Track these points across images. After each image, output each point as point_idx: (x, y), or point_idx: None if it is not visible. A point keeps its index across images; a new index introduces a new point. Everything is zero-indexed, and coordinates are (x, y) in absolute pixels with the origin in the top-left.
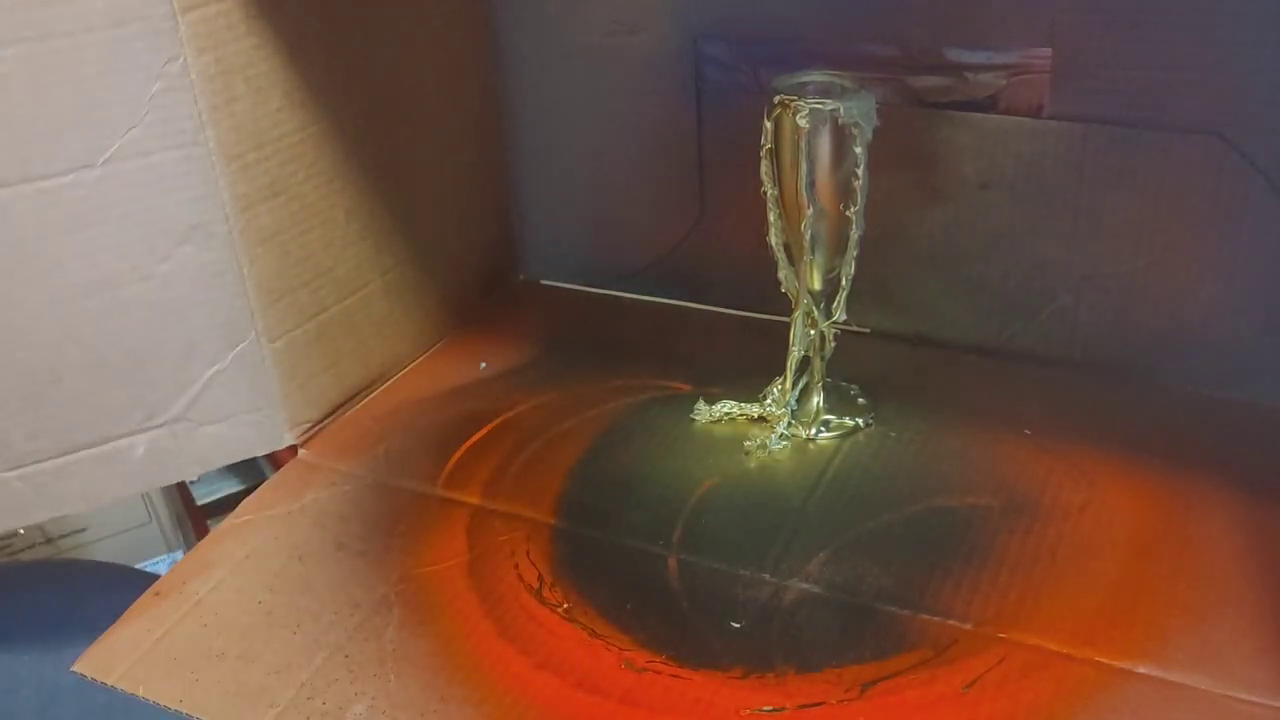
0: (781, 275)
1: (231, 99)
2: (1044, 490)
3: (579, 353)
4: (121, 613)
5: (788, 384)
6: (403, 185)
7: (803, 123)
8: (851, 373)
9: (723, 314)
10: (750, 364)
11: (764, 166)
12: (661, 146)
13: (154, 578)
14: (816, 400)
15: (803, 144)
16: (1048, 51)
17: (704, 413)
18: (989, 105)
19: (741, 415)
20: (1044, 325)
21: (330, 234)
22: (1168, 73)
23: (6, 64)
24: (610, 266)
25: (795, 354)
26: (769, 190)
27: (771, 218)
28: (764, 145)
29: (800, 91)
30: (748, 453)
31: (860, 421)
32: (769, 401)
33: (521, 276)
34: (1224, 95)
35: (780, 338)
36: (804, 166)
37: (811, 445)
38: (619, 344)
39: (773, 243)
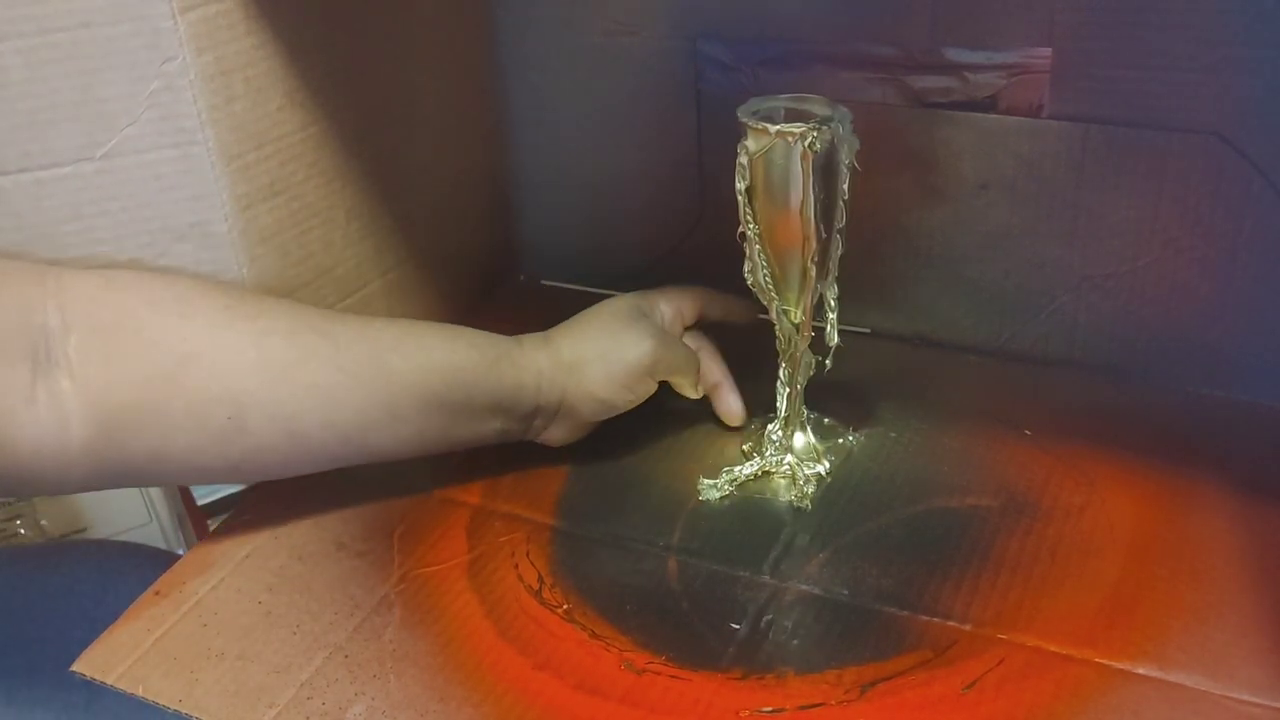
0: (774, 313)
1: (231, 99)
2: (1044, 491)
3: None
4: None
5: (791, 429)
6: (403, 185)
7: (817, 148)
8: (852, 373)
9: None
10: (751, 364)
11: (743, 205)
12: (661, 146)
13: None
14: (808, 438)
15: (809, 171)
16: (1048, 51)
17: (711, 489)
18: (989, 105)
19: (748, 478)
20: (1044, 325)
21: (331, 234)
22: (1168, 73)
23: (5, 56)
24: (610, 266)
25: (800, 389)
26: (751, 229)
27: (758, 258)
28: (743, 183)
29: (774, 118)
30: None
31: (850, 438)
32: (769, 453)
33: (522, 277)
34: (1224, 95)
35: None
36: (811, 194)
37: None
38: None
39: (761, 282)
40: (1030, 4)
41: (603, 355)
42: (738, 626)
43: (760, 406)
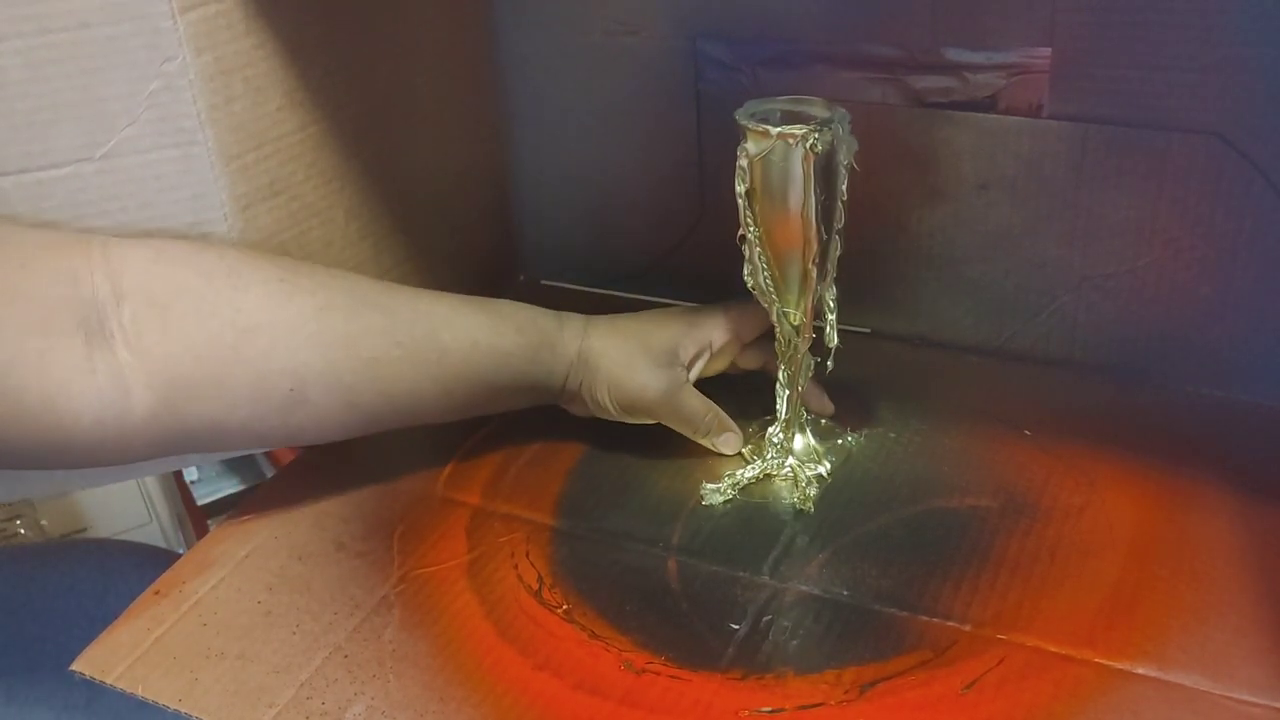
0: (775, 316)
1: (230, 99)
2: (1043, 491)
3: None
4: None
5: (791, 431)
6: (403, 185)
7: (818, 149)
8: (852, 373)
9: None
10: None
11: (743, 208)
12: (661, 147)
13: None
14: (808, 440)
15: (809, 172)
16: (1048, 51)
17: (714, 494)
18: (989, 105)
19: (751, 481)
20: (1044, 325)
21: (330, 234)
22: (1168, 73)
23: (5, 57)
24: (611, 266)
25: (800, 391)
26: (751, 232)
27: (759, 261)
28: (743, 186)
29: (772, 120)
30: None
31: (849, 438)
32: (770, 456)
33: (522, 277)
34: (1224, 95)
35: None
36: (813, 196)
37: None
38: None
39: (762, 285)
40: (1030, 4)
41: (611, 373)
42: (737, 627)
43: (757, 409)
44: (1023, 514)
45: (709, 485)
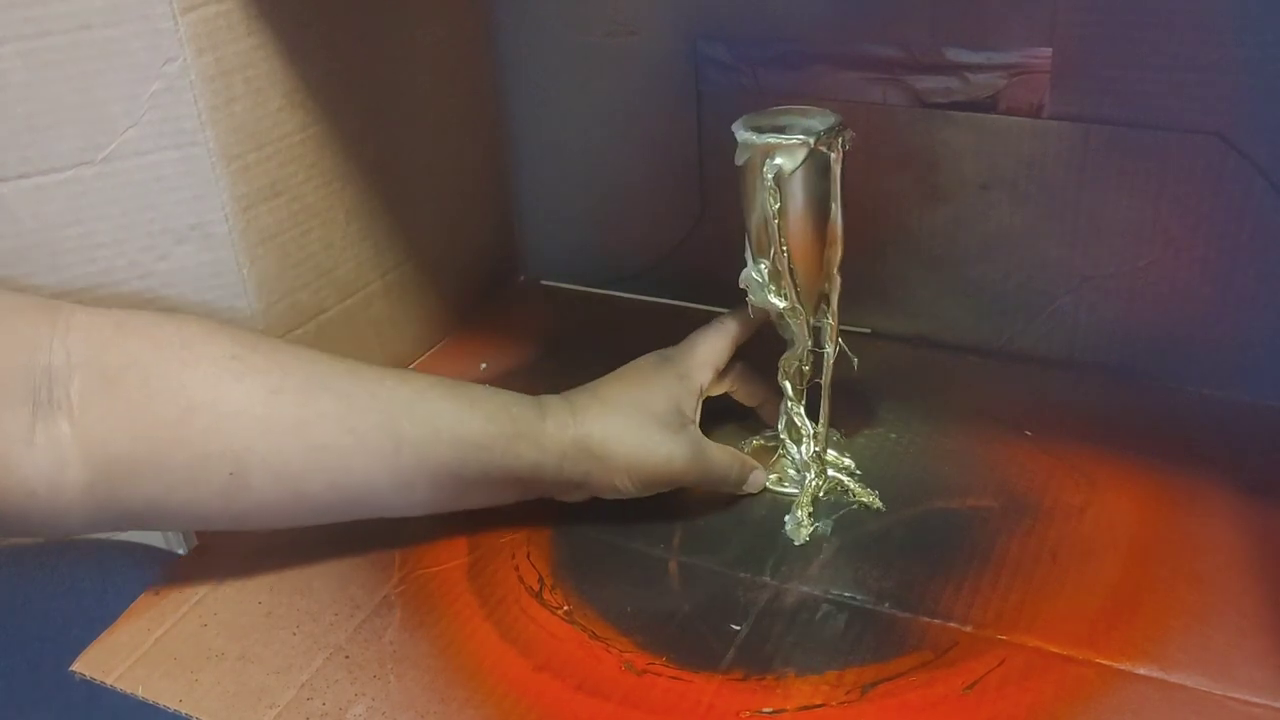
0: (803, 330)
1: (231, 99)
2: (1044, 492)
3: (580, 354)
4: None
5: (824, 443)
6: (403, 186)
7: (848, 147)
8: (851, 373)
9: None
10: (750, 364)
11: (775, 230)
12: (662, 147)
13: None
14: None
15: (839, 174)
16: (1048, 51)
17: (801, 529)
18: (989, 105)
19: (813, 501)
20: (1044, 326)
21: (330, 234)
22: (1168, 73)
23: (5, 60)
24: (611, 267)
25: (828, 404)
26: (786, 251)
27: (791, 279)
28: (776, 204)
29: (778, 129)
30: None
31: (836, 435)
32: (813, 472)
33: (522, 277)
34: (1224, 95)
35: (779, 338)
36: (840, 201)
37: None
38: (620, 345)
39: (795, 302)
40: (1030, 4)
41: (629, 456)
42: (738, 627)
43: (747, 429)
44: (1023, 514)
45: (790, 521)
